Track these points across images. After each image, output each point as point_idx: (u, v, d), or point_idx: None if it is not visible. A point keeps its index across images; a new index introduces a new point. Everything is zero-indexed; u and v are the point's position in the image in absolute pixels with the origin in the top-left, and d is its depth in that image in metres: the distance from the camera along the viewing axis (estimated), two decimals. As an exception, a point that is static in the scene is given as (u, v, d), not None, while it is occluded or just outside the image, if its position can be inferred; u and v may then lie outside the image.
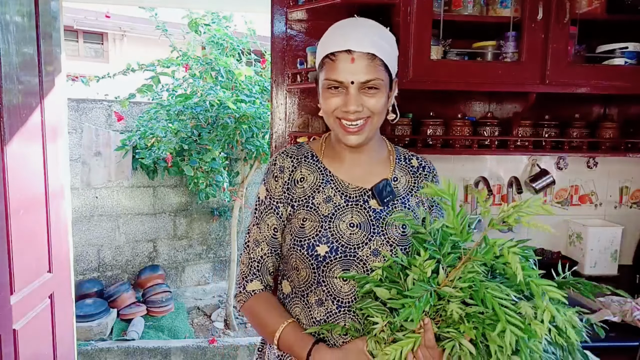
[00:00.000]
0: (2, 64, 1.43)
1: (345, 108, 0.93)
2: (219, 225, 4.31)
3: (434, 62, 1.59)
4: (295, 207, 1.02)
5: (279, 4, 1.74)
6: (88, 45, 7.33)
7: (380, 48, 0.94)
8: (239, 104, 3.30)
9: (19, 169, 1.55)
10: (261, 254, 1.04)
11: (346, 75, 0.92)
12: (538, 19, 1.55)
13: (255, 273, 1.04)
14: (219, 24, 3.60)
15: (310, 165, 1.05)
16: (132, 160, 3.66)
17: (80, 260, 3.79)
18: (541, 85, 1.61)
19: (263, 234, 1.04)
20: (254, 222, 1.06)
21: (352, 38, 0.93)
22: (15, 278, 1.52)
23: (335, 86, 0.94)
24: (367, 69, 0.92)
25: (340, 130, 0.97)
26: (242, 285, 1.05)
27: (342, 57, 0.92)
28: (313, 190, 1.02)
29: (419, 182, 1.08)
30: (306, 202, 1.01)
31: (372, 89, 0.94)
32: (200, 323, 3.93)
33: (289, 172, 1.04)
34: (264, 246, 1.04)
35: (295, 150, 1.07)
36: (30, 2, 1.64)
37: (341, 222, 0.98)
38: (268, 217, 1.04)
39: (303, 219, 1.00)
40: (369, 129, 0.98)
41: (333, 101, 0.95)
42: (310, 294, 1.00)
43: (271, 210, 1.04)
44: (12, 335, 1.51)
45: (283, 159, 1.05)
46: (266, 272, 1.05)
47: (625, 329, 1.50)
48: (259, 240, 1.04)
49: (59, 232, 1.88)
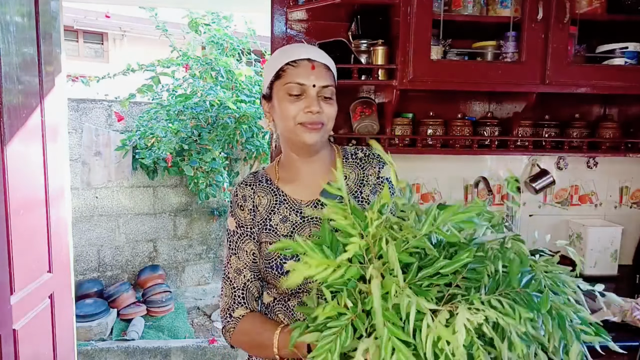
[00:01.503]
0: (2, 64, 1.43)
1: (308, 109, 0.98)
2: (219, 225, 4.31)
3: (434, 62, 1.59)
4: (257, 232, 1.06)
5: (279, 4, 1.74)
6: (88, 45, 7.33)
7: (332, 66, 1.05)
8: (239, 104, 3.30)
9: (19, 169, 1.55)
10: (244, 280, 1.06)
11: (309, 79, 0.99)
12: (538, 19, 1.55)
13: (240, 302, 1.05)
14: (219, 24, 3.61)
15: (265, 188, 1.08)
16: (132, 160, 3.66)
17: (80, 260, 3.79)
18: (541, 85, 1.61)
19: (243, 262, 1.06)
20: (231, 253, 1.07)
21: (311, 51, 1.02)
22: (15, 278, 1.52)
23: (296, 93, 0.99)
24: (325, 76, 1.01)
25: (301, 131, 1.00)
26: (227, 316, 1.06)
27: (303, 64, 1.00)
28: (269, 212, 1.06)
29: (368, 171, 1.11)
30: (264, 225, 1.05)
31: (328, 98, 1.01)
32: (200, 323, 3.93)
33: (251, 199, 1.07)
34: (246, 273, 1.06)
35: (252, 178, 1.11)
36: (30, 2, 1.64)
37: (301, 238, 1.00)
38: (245, 244, 1.06)
39: (267, 243, 1.04)
40: (323, 133, 1.02)
41: (294, 106, 0.99)
42: (292, 299, 1.05)
43: (246, 237, 1.06)
44: (12, 335, 1.51)
45: (243, 189, 1.09)
46: (251, 298, 1.06)
47: (625, 329, 1.50)
48: (240, 268, 1.06)
49: (59, 232, 1.88)
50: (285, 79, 1.00)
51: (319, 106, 0.99)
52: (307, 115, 0.98)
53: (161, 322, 3.63)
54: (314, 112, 0.98)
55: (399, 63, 1.56)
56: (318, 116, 0.99)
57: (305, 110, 0.98)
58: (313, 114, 0.98)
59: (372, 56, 1.66)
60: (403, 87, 1.58)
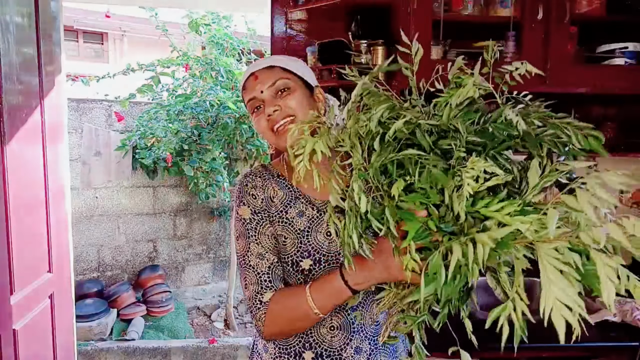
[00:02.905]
0: (2, 64, 1.43)
1: (266, 114, 1.01)
2: (219, 225, 4.31)
3: (434, 62, 1.59)
4: (273, 224, 1.03)
5: (279, 4, 1.74)
6: (88, 45, 7.33)
7: (278, 61, 1.05)
8: (239, 103, 3.30)
9: (19, 169, 1.55)
10: (268, 264, 0.99)
11: (254, 91, 1.03)
12: (538, 19, 1.55)
13: (268, 285, 0.98)
14: (219, 24, 3.60)
15: (279, 182, 1.07)
16: (132, 160, 3.66)
17: (80, 260, 3.79)
18: (541, 85, 1.61)
19: (265, 246, 1.00)
20: (251, 241, 1.01)
21: (254, 66, 1.06)
22: (15, 278, 1.52)
23: (255, 107, 1.03)
24: (269, 76, 1.02)
25: (275, 138, 1.02)
26: (256, 303, 0.97)
27: (249, 81, 1.05)
28: (285, 205, 1.04)
29: None
30: (280, 218, 1.03)
31: (283, 91, 1.01)
32: (200, 323, 3.93)
33: (262, 189, 1.05)
34: (269, 256, 1.00)
35: (261, 170, 1.09)
36: (30, 2, 1.64)
37: (318, 234, 1.00)
38: (264, 229, 1.01)
39: (282, 236, 1.02)
40: None
41: (260, 119, 1.03)
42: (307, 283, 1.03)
43: (265, 221, 1.02)
44: (12, 335, 1.51)
45: (252, 179, 1.06)
46: (278, 280, 0.99)
47: (625, 329, 1.50)
48: (262, 253, 1.00)
49: (59, 232, 1.88)
50: (245, 101, 1.06)
51: (272, 104, 1.00)
52: (270, 120, 1.00)
53: (161, 322, 3.63)
54: (270, 112, 1.00)
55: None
56: (278, 114, 1.00)
57: (266, 117, 1.01)
58: (271, 115, 1.00)
59: (372, 56, 1.66)
60: (403, 87, 1.58)
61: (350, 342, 1.00)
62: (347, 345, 1.00)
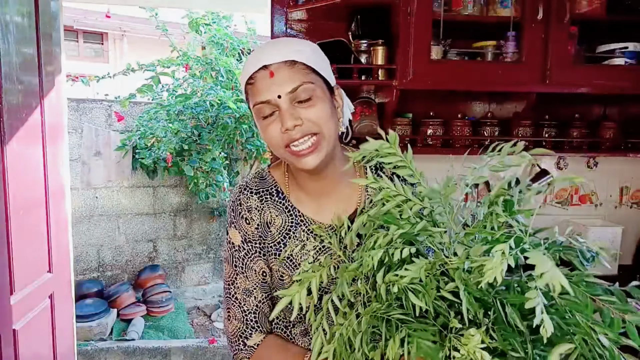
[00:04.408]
0: (2, 64, 1.43)
1: (284, 127, 0.81)
2: (219, 225, 4.31)
3: (434, 62, 1.59)
4: (268, 258, 0.93)
5: (279, 4, 1.74)
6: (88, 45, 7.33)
7: (300, 53, 0.84)
8: (239, 103, 3.30)
9: (19, 169, 1.55)
10: (256, 302, 0.93)
11: (269, 92, 0.81)
12: (538, 19, 1.55)
13: (254, 326, 0.93)
14: (219, 24, 3.60)
15: (277, 204, 0.93)
16: (132, 160, 3.66)
17: (80, 260, 3.79)
18: (541, 85, 1.61)
19: (253, 282, 0.93)
20: (237, 272, 0.93)
21: (265, 54, 0.83)
22: (15, 278, 1.52)
23: (267, 114, 0.83)
24: (289, 77, 0.81)
25: (293, 158, 0.84)
26: (240, 344, 0.93)
27: (260, 76, 0.82)
28: (283, 236, 0.92)
29: None
30: (276, 250, 0.92)
31: (306, 100, 0.82)
32: (200, 323, 3.93)
33: (258, 212, 0.93)
34: (257, 294, 0.93)
35: (258, 185, 0.95)
36: (30, 2, 1.64)
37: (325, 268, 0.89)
38: (253, 263, 0.93)
39: (280, 272, 0.92)
40: (325, 146, 0.84)
41: (271, 129, 0.83)
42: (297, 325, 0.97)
43: (255, 254, 0.93)
44: (12, 335, 1.51)
45: (248, 198, 0.93)
46: (264, 321, 0.94)
47: (625, 329, 1.50)
48: (250, 289, 0.93)
49: (59, 232, 1.87)
50: (251, 101, 0.85)
51: (294, 117, 0.81)
52: (287, 135, 0.81)
53: (161, 322, 3.63)
54: (290, 128, 0.80)
55: (399, 63, 1.56)
56: (300, 129, 0.81)
57: (282, 130, 0.81)
58: (291, 130, 0.81)
59: (372, 56, 1.66)
60: (403, 87, 1.58)
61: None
62: None
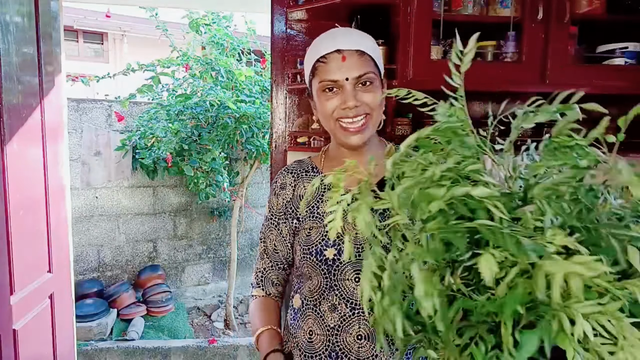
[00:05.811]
0: (2, 64, 1.43)
1: (344, 105, 0.94)
2: (219, 225, 4.31)
3: (434, 62, 1.59)
4: (301, 220, 1.05)
5: (279, 4, 1.74)
6: (88, 45, 7.33)
7: (367, 46, 0.97)
8: (239, 104, 3.30)
9: (19, 169, 1.55)
10: (264, 266, 1.12)
11: (340, 73, 0.94)
12: (538, 19, 1.55)
13: (258, 283, 1.13)
14: (219, 24, 3.60)
15: (311, 178, 1.07)
16: (132, 160, 3.66)
17: (80, 260, 3.79)
18: (541, 85, 1.61)
19: (267, 249, 1.12)
20: (261, 237, 1.13)
21: (339, 39, 0.95)
22: (15, 278, 1.52)
23: (330, 87, 0.96)
24: (358, 64, 0.94)
25: (340, 132, 0.97)
26: (250, 286, 1.16)
27: (332, 57, 0.95)
28: (316, 200, 1.04)
29: None
30: (311, 213, 1.04)
31: (366, 85, 0.95)
32: (200, 323, 3.93)
33: (292, 188, 1.08)
34: (266, 260, 1.12)
35: (296, 166, 1.11)
36: (30, 2, 1.64)
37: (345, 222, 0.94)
38: (270, 233, 1.10)
39: (309, 228, 1.02)
40: (371, 127, 0.98)
41: (330, 103, 0.96)
42: (323, 302, 0.99)
43: (273, 226, 1.10)
44: (12, 335, 1.51)
45: (284, 176, 1.10)
46: (268, 283, 1.12)
47: (625, 329, 1.50)
48: (263, 254, 1.13)
49: (59, 232, 1.88)
50: (318, 77, 0.97)
51: (355, 99, 0.93)
52: (344, 111, 0.95)
53: (161, 322, 3.63)
54: (351, 107, 0.93)
55: (399, 63, 1.56)
56: (356, 110, 0.94)
57: (341, 106, 0.95)
58: (350, 109, 0.94)
59: (372, 56, 1.66)
60: (403, 87, 1.58)
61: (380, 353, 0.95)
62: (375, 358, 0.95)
